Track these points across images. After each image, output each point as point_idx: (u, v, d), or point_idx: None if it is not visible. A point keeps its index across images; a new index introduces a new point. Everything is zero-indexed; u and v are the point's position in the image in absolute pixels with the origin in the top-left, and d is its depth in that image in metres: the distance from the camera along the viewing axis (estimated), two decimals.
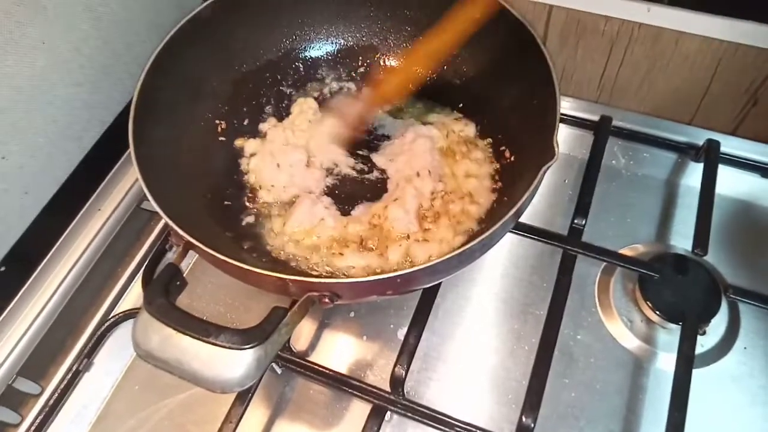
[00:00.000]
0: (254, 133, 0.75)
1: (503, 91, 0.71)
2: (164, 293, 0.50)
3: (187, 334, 0.46)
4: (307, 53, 0.80)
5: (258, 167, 0.71)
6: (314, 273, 0.63)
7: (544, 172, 0.52)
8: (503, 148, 0.70)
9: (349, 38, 0.80)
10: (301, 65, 0.79)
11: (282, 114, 0.77)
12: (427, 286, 0.61)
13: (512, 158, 0.69)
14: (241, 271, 0.51)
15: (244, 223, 0.68)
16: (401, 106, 0.77)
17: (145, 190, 0.54)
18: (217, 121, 0.73)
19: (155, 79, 0.62)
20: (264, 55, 0.77)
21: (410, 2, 0.76)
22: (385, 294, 0.56)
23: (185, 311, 0.48)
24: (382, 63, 0.80)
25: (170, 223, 0.52)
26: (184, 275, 0.54)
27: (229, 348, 0.45)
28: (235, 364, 0.45)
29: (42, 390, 0.65)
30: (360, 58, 0.80)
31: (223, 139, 0.73)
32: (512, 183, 0.66)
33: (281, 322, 0.47)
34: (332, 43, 0.80)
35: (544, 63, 0.60)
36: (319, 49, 0.80)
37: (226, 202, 0.69)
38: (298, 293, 0.50)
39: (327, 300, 0.50)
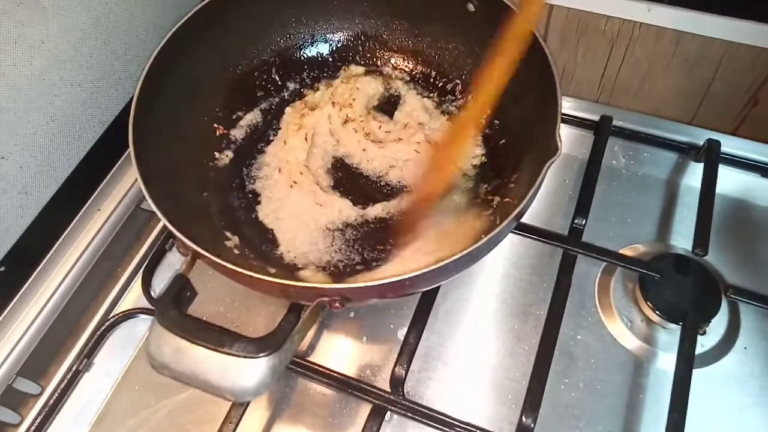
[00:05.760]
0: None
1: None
2: (175, 304, 0.50)
3: (201, 345, 0.46)
4: (301, 52, 0.79)
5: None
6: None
7: (548, 168, 0.52)
8: (503, 142, 0.70)
9: (344, 36, 0.80)
10: (295, 65, 0.79)
11: (272, 120, 0.76)
12: (433, 286, 0.61)
13: (514, 156, 0.68)
14: (249, 279, 0.50)
15: (247, 229, 0.68)
16: None
17: (148, 198, 0.54)
18: (216, 125, 0.73)
19: (155, 79, 0.62)
20: (259, 56, 0.77)
21: None
22: (392, 297, 0.55)
23: (198, 321, 0.48)
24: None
25: (177, 234, 0.51)
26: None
27: (244, 357, 0.45)
28: (250, 372, 0.46)
29: (42, 390, 0.65)
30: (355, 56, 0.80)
31: (222, 140, 0.73)
32: (515, 181, 0.66)
33: (294, 329, 0.47)
34: (327, 41, 0.80)
35: (544, 58, 0.60)
36: (315, 48, 0.80)
37: (229, 207, 0.69)
38: (309, 299, 0.50)
39: (338, 304, 0.50)
